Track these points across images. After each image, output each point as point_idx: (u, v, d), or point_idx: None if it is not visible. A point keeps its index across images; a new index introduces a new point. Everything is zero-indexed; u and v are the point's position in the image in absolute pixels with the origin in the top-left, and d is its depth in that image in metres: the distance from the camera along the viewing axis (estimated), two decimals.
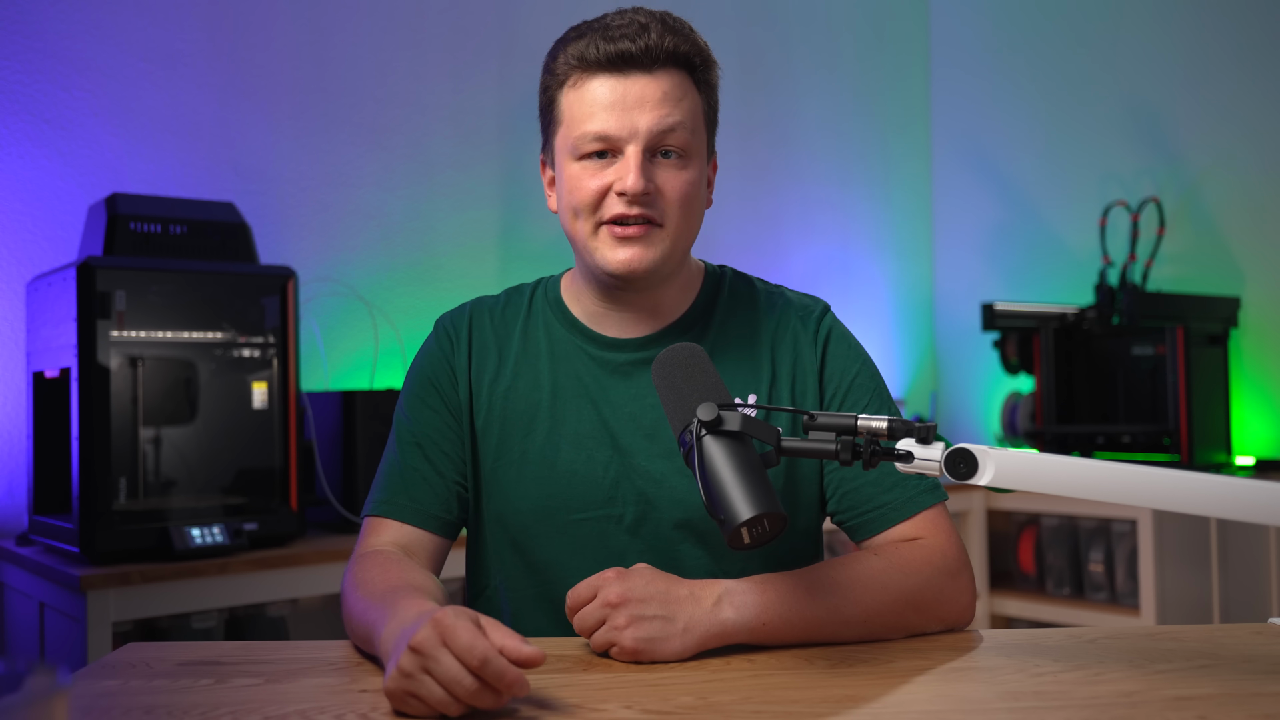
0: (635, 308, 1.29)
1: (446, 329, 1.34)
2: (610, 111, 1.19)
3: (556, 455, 1.26)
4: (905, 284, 4.14)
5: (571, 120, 1.22)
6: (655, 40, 1.20)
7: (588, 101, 1.21)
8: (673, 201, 1.22)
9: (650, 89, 1.20)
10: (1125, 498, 0.94)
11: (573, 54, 1.22)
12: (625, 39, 1.19)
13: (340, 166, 2.92)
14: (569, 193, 1.23)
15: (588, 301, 1.31)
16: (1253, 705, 0.90)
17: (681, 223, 1.23)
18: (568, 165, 1.24)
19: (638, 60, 1.19)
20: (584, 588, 1.08)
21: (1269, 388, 3.25)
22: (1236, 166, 3.32)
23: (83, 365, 2.05)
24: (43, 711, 0.55)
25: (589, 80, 1.21)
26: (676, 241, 1.24)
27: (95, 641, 1.96)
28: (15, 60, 2.46)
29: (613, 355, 1.29)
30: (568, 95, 1.23)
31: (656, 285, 1.27)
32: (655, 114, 1.20)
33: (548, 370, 1.30)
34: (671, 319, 1.30)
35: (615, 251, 1.21)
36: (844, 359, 1.31)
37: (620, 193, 1.19)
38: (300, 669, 1.05)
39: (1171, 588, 2.95)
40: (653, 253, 1.22)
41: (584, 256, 1.25)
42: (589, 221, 1.22)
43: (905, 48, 4.19)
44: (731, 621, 1.07)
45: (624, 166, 1.20)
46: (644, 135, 1.19)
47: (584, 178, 1.22)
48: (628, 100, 1.19)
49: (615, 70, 1.20)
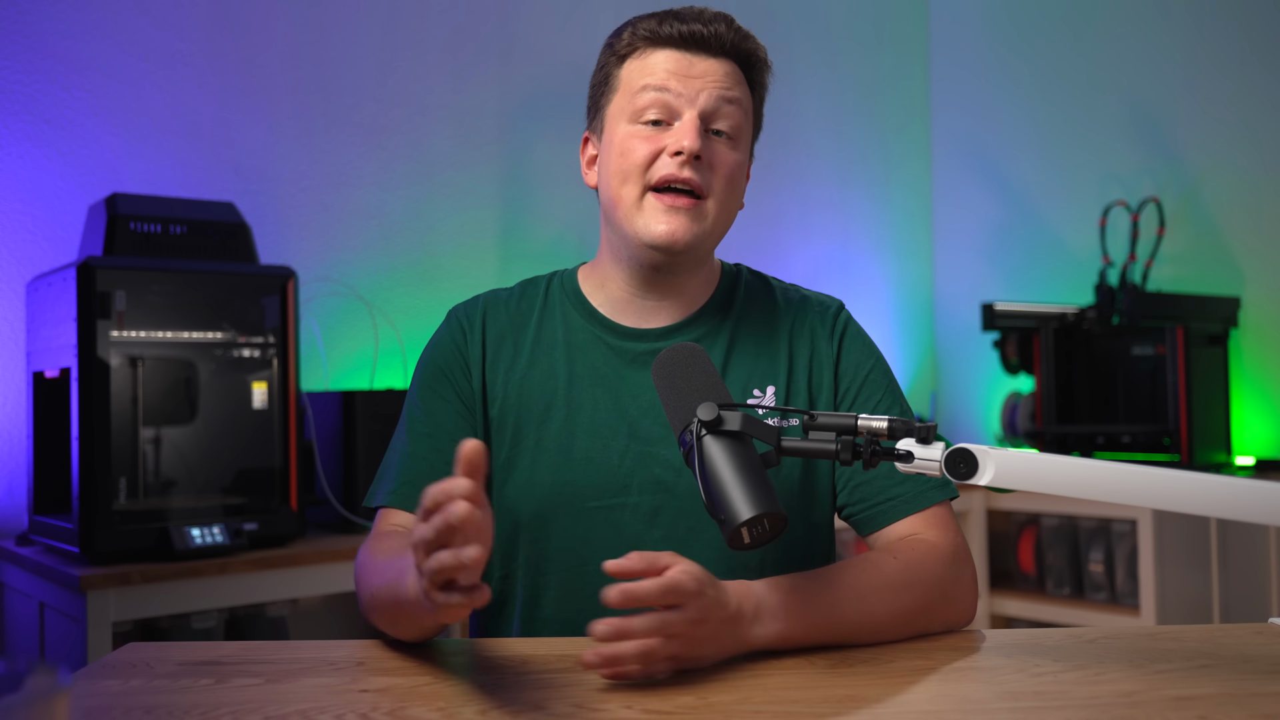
0: (660, 294, 1.30)
1: (459, 319, 1.34)
2: (673, 74, 1.23)
3: (573, 443, 1.26)
4: (905, 284, 4.14)
5: (631, 85, 1.25)
6: (724, 31, 1.25)
7: (651, 66, 1.25)
8: (721, 175, 1.24)
9: (714, 67, 1.25)
10: (1125, 498, 0.94)
11: (643, 29, 1.26)
12: (697, 22, 1.24)
13: (340, 166, 2.92)
14: (620, 155, 1.25)
15: (613, 287, 1.31)
16: (1253, 705, 0.90)
17: (725, 201, 1.26)
18: (619, 129, 1.26)
19: (705, 42, 1.24)
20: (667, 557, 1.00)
21: (1269, 388, 3.25)
22: (1236, 166, 3.32)
23: (83, 365, 2.05)
24: (43, 711, 0.55)
25: (655, 51, 1.25)
26: (717, 220, 1.26)
27: (95, 641, 1.96)
28: (15, 60, 2.46)
29: (632, 345, 1.30)
30: (630, 65, 1.27)
31: (688, 268, 1.29)
32: (716, 85, 1.24)
33: (564, 359, 1.30)
34: (692, 310, 1.31)
35: (660, 221, 1.22)
36: (859, 355, 1.32)
37: (676, 152, 1.21)
38: (300, 669, 1.05)
39: (1171, 588, 2.95)
40: (696, 227, 1.23)
41: (624, 227, 1.26)
42: (636, 186, 1.23)
43: (905, 48, 4.19)
44: (758, 636, 1.06)
45: (681, 129, 1.22)
46: (703, 101, 1.23)
47: (636, 140, 1.24)
48: (692, 70, 1.24)
49: (682, 46, 1.24)
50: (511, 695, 0.95)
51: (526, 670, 1.03)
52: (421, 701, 0.94)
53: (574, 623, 1.24)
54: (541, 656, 1.08)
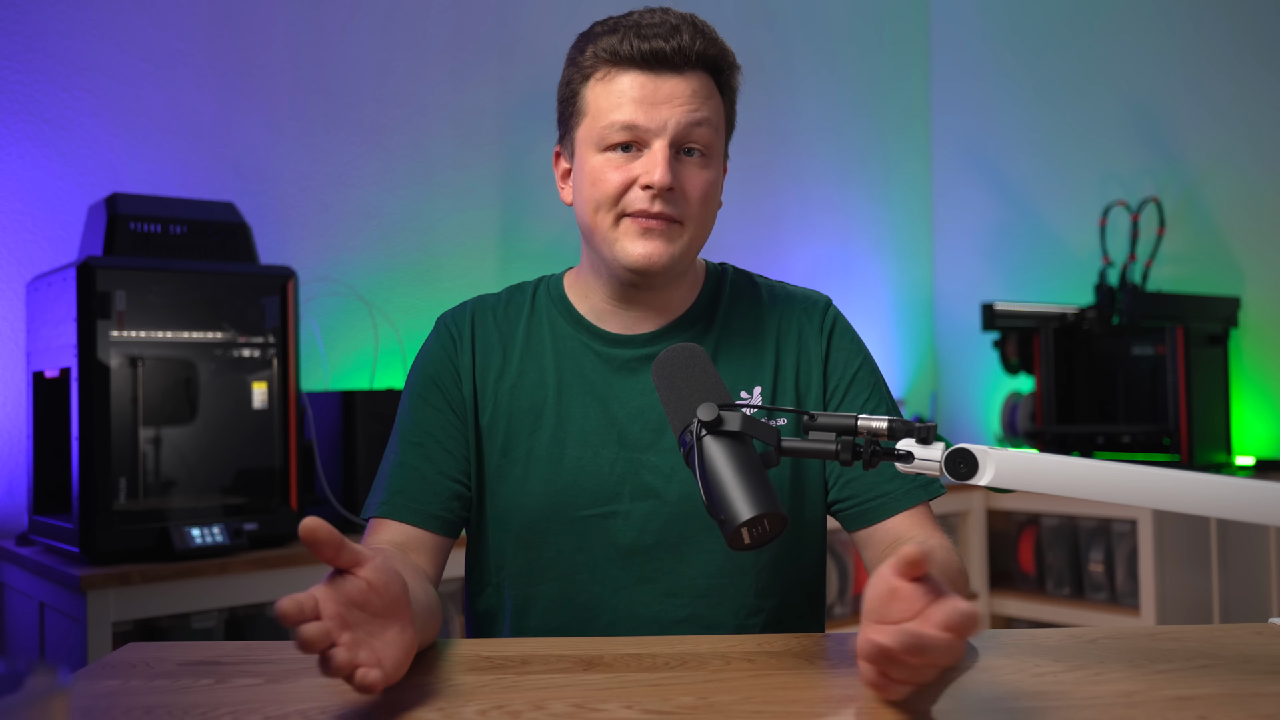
0: (643, 305, 1.30)
1: (448, 327, 1.34)
2: (639, 105, 1.20)
3: (563, 452, 1.26)
4: (905, 284, 4.14)
5: (598, 111, 1.23)
6: (687, 42, 1.21)
7: (616, 94, 1.21)
8: (694, 200, 1.23)
9: (680, 87, 1.21)
10: (1125, 498, 0.94)
11: (603, 48, 1.22)
12: (659, 38, 1.20)
13: (340, 166, 2.92)
14: (591, 185, 1.23)
15: (595, 298, 1.31)
16: (1253, 705, 0.90)
17: (701, 222, 1.25)
18: (590, 157, 1.23)
19: (669, 60, 1.21)
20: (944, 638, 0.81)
21: (1269, 388, 3.25)
22: (1236, 166, 3.32)
23: (83, 365, 2.05)
24: (43, 711, 0.55)
25: (619, 75, 1.22)
26: (694, 240, 1.25)
27: (95, 641, 1.96)
28: (15, 60, 2.46)
29: (619, 351, 1.29)
30: (595, 88, 1.23)
31: (670, 283, 1.28)
32: (683, 109, 1.21)
33: (552, 367, 1.30)
34: (676, 315, 1.31)
35: (636, 244, 1.22)
36: (847, 352, 1.32)
37: (646, 186, 1.20)
38: (300, 669, 1.05)
39: (1171, 588, 2.95)
40: (672, 249, 1.22)
41: (601, 250, 1.25)
42: (610, 214, 1.23)
43: (905, 48, 4.19)
44: None
45: (650, 160, 1.20)
46: (671, 130, 1.20)
47: (607, 170, 1.22)
48: (658, 96, 1.21)
49: (646, 67, 1.21)
50: (511, 695, 0.95)
51: (526, 670, 1.03)
52: (422, 701, 0.94)
53: (565, 632, 1.25)
54: (541, 656, 1.08)
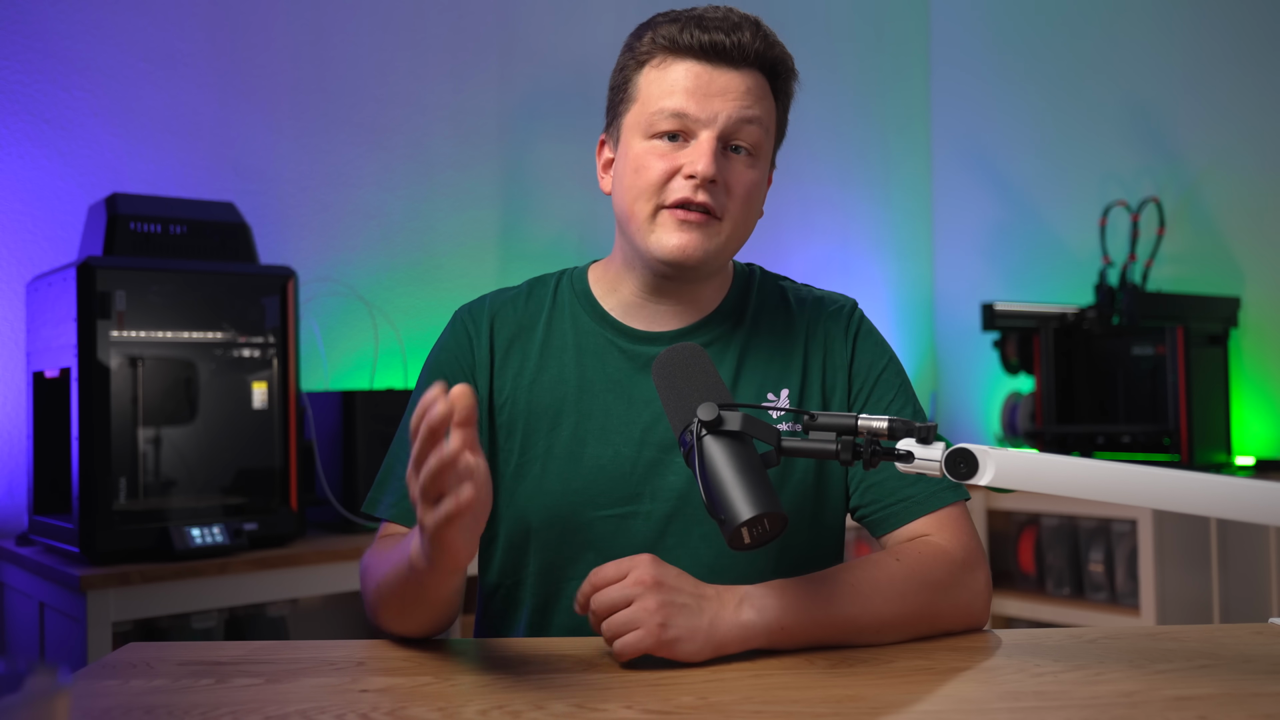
0: (673, 300, 1.28)
1: (465, 321, 1.32)
2: (691, 95, 1.19)
3: (583, 450, 1.25)
4: (905, 284, 4.14)
5: (649, 97, 1.21)
6: (748, 39, 1.20)
7: (669, 80, 1.20)
8: (736, 197, 1.21)
9: (735, 82, 1.20)
10: (1125, 498, 0.94)
11: (663, 35, 1.21)
12: (719, 31, 1.19)
13: (340, 166, 2.92)
14: (634, 171, 1.22)
15: (625, 292, 1.29)
16: (1253, 705, 0.90)
17: (740, 219, 1.23)
18: (635, 143, 1.22)
19: (728, 54, 1.19)
20: (611, 567, 1.05)
21: (1269, 388, 3.25)
22: (1236, 166, 3.32)
23: (83, 365, 2.05)
24: (43, 711, 0.55)
25: (675, 62, 1.20)
26: (731, 238, 1.23)
27: (95, 641, 1.96)
28: (15, 60, 2.46)
29: (645, 349, 1.27)
30: (648, 73, 1.22)
31: (702, 278, 1.27)
32: (736, 104, 1.19)
33: (574, 364, 1.28)
34: (705, 312, 1.30)
35: (672, 236, 1.20)
36: (873, 354, 1.31)
37: (690, 175, 1.19)
38: (300, 669, 1.05)
39: (1171, 588, 2.95)
40: (708, 244, 1.21)
41: (636, 240, 1.23)
42: (649, 203, 1.21)
43: (905, 48, 4.19)
44: (751, 624, 1.06)
45: (696, 150, 1.19)
46: (721, 123, 1.19)
47: (651, 157, 1.20)
48: (711, 88, 1.19)
49: (703, 57, 1.19)
50: (511, 695, 0.95)
51: (526, 670, 1.03)
52: (422, 701, 0.94)
53: (584, 632, 1.23)
54: (541, 656, 1.08)
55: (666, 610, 1.02)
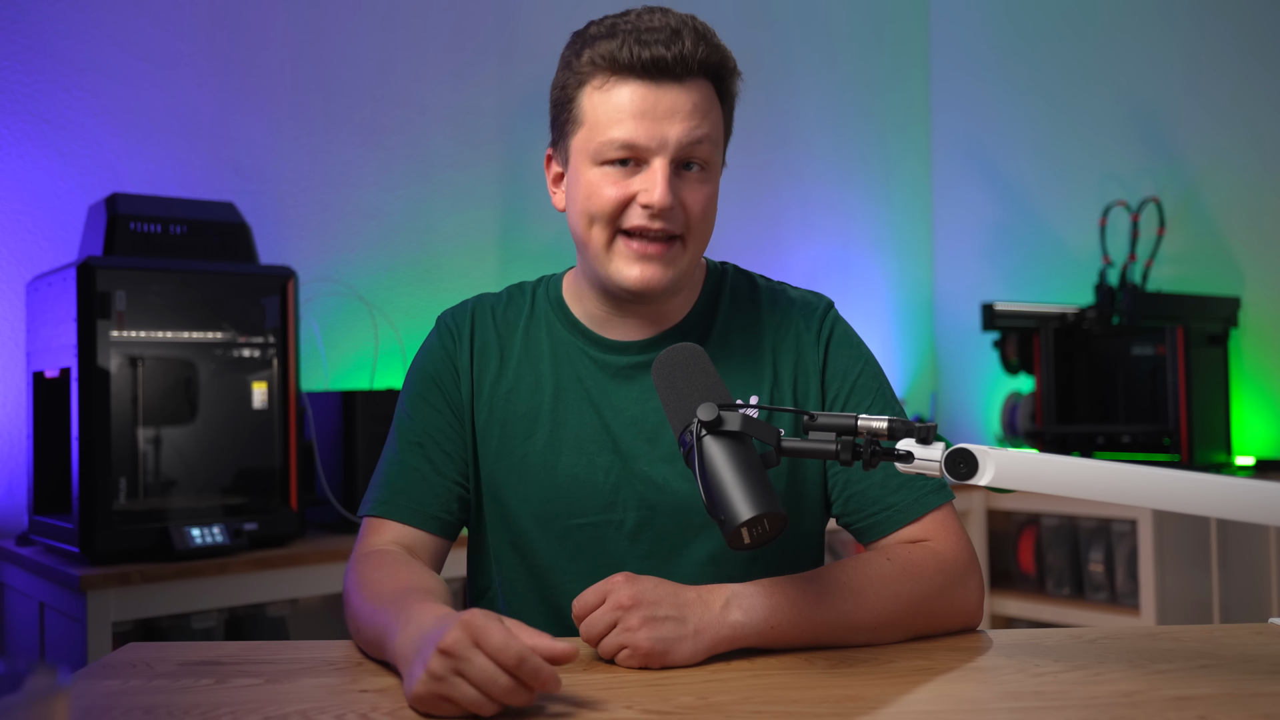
0: (637, 316, 1.27)
1: (449, 326, 1.32)
2: (639, 120, 1.15)
3: (558, 459, 1.25)
4: (905, 284, 4.14)
5: (595, 124, 1.18)
6: (689, 49, 1.15)
7: (614, 106, 1.16)
8: (695, 215, 1.19)
9: (681, 100, 1.16)
10: (1125, 498, 0.94)
11: (601, 53, 1.17)
12: (659, 44, 1.15)
13: (340, 166, 2.92)
14: (586, 198, 1.19)
15: (590, 305, 1.29)
16: (1253, 705, 0.90)
17: (700, 235, 1.22)
18: (586, 169, 1.19)
19: (670, 69, 1.15)
20: (591, 593, 1.06)
21: (1269, 388, 3.25)
22: (1236, 166, 3.32)
23: (83, 365, 2.05)
24: (43, 711, 0.55)
25: (618, 85, 1.16)
26: (693, 256, 1.22)
27: (95, 641, 1.96)
28: (15, 60, 2.46)
29: (614, 358, 1.27)
30: (592, 96, 1.18)
31: (669, 298, 1.26)
32: (685, 126, 1.16)
33: (549, 372, 1.28)
34: (673, 321, 1.29)
35: (632, 268, 1.19)
36: (846, 359, 1.29)
37: (645, 205, 1.16)
38: (300, 669, 1.05)
39: (1171, 588, 2.95)
40: (671, 271, 1.20)
41: (595, 265, 1.22)
42: (605, 230, 1.19)
43: (905, 48, 4.19)
44: (740, 624, 1.06)
45: (650, 178, 1.16)
46: (673, 147, 1.16)
47: (604, 185, 1.18)
48: (658, 110, 1.15)
49: (646, 76, 1.15)
50: None
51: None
52: None
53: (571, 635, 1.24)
54: None
55: (649, 626, 1.02)
